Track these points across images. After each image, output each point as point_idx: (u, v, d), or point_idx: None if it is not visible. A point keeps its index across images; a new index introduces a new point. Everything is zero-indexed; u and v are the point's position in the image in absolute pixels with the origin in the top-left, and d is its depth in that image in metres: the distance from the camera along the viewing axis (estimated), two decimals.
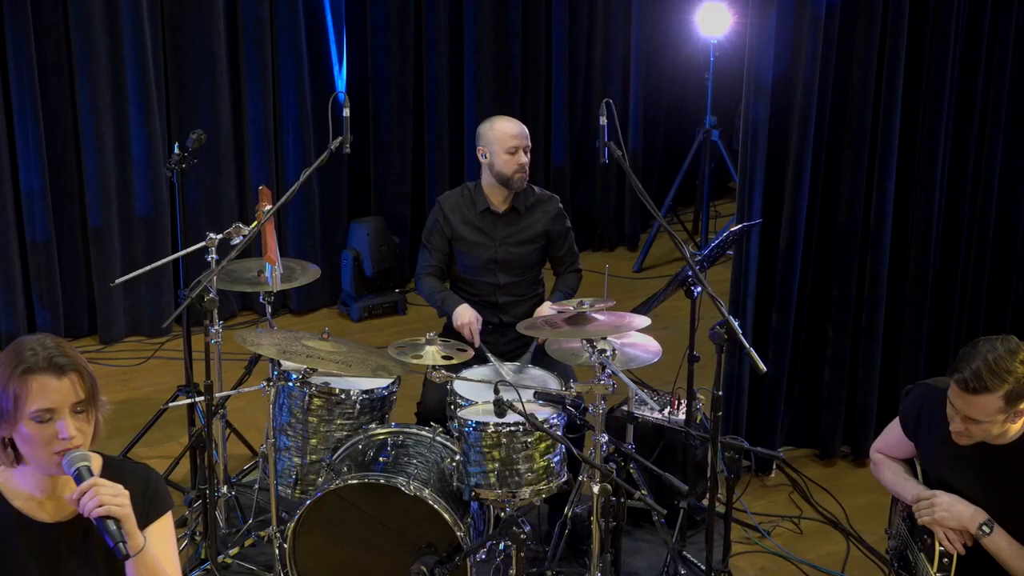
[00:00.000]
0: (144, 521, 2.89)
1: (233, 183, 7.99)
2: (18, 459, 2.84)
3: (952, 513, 3.84)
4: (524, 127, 5.75)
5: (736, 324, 4.94)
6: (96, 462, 2.92)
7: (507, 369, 5.47)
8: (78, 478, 2.75)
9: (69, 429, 2.76)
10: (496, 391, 4.77)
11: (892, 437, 4.16)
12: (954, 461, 3.91)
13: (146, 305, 7.91)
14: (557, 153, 9.19)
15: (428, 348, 5.10)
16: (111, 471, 2.92)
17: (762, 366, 4.85)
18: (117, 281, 5.89)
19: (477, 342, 5.54)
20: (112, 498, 2.72)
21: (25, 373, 2.75)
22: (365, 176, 8.61)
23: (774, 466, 6.39)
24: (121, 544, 2.71)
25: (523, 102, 8.86)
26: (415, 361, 5.10)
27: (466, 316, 5.63)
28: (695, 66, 9.44)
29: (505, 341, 5.80)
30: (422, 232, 5.93)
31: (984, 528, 3.81)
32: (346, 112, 5.17)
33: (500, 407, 4.79)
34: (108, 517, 2.71)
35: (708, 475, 5.89)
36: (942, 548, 3.88)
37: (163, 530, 2.98)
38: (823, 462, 6.57)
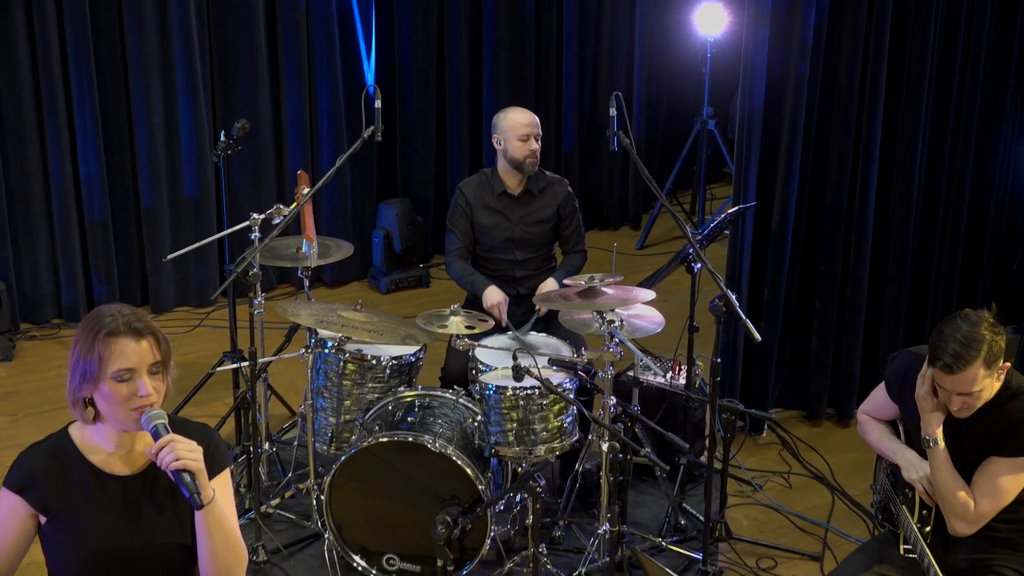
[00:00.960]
0: (207, 475, 2.89)
1: (272, 168, 7.99)
2: (96, 417, 2.84)
3: (922, 406, 3.84)
4: (535, 116, 5.77)
5: (733, 297, 4.95)
6: (164, 419, 2.91)
7: (525, 339, 5.48)
8: (156, 434, 2.76)
9: (147, 387, 2.77)
10: (515, 358, 4.79)
11: (877, 400, 4.15)
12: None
13: (193, 279, 7.92)
14: (567, 141, 9.18)
15: (452, 319, 5.12)
16: (177, 428, 2.92)
17: (757, 336, 4.86)
18: (169, 257, 5.90)
19: (504, 321, 5.55)
20: (188, 453, 2.73)
21: (108, 337, 2.76)
22: (392, 161, 8.61)
23: (765, 426, 6.39)
24: (196, 495, 2.72)
25: (536, 95, 8.84)
26: (440, 330, 5.12)
27: (495, 298, 5.64)
28: (693, 62, 9.39)
29: (521, 312, 5.81)
30: (446, 215, 5.94)
31: (927, 441, 3.80)
32: (377, 103, 5.17)
33: (518, 372, 4.80)
34: (184, 470, 2.72)
35: (706, 434, 5.93)
36: (923, 501, 3.88)
37: (223, 484, 2.98)
38: (810, 423, 6.57)
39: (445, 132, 8.68)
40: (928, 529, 3.88)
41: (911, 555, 3.90)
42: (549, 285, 5.70)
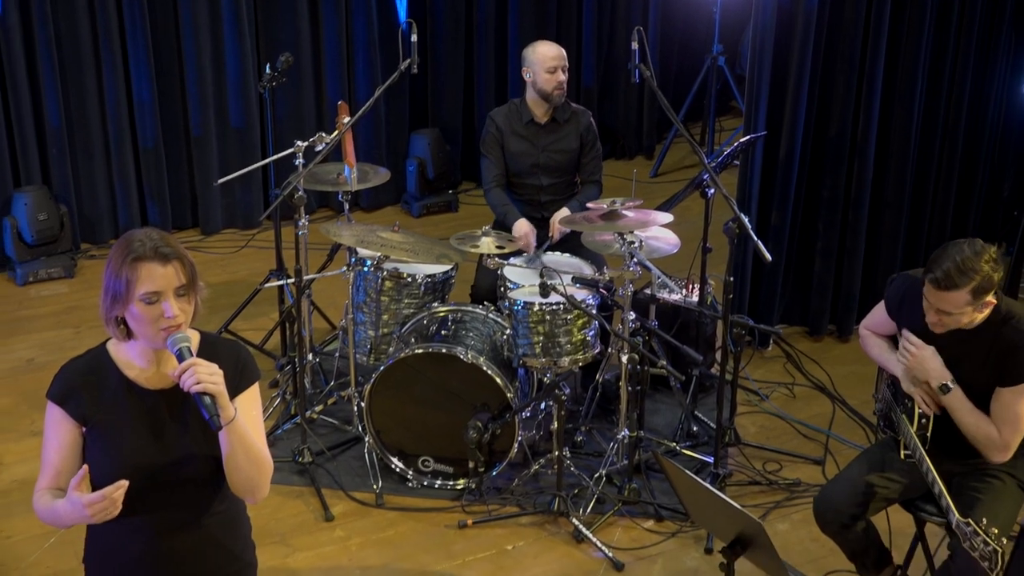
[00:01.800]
0: (235, 391, 2.86)
1: (312, 98, 7.92)
2: (129, 335, 2.82)
3: (923, 366, 3.81)
4: (562, 49, 5.72)
5: (746, 220, 4.91)
6: (194, 339, 2.89)
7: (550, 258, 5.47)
8: (180, 356, 2.72)
9: (173, 309, 2.73)
10: (542, 276, 4.77)
11: (878, 317, 4.13)
12: (929, 339, 3.87)
13: (240, 202, 7.90)
14: (586, 75, 9.08)
15: (484, 239, 5.10)
16: (207, 346, 2.90)
17: (768, 256, 4.83)
18: (220, 180, 5.88)
19: (532, 251, 5.52)
20: (208, 376, 2.69)
21: (135, 261, 2.71)
22: (423, 93, 8.52)
23: (771, 341, 6.38)
24: (215, 417, 2.68)
25: (557, 31, 8.72)
26: (472, 250, 5.10)
27: (523, 229, 5.61)
28: (705, 1, 9.27)
29: (545, 234, 5.77)
30: (474, 144, 5.90)
31: (948, 385, 3.79)
32: (413, 38, 5.11)
33: (545, 289, 4.79)
34: (204, 393, 2.69)
35: (717, 347, 5.93)
36: (921, 410, 3.87)
37: (251, 398, 2.94)
38: (812, 338, 6.55)
39: (472, 65, 8.59)
40: (927, 435, 3.87)
41: (910, 459, 3.90)
42: (562, 214, 5.66)
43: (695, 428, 5.59)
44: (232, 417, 2.73)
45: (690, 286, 5.84)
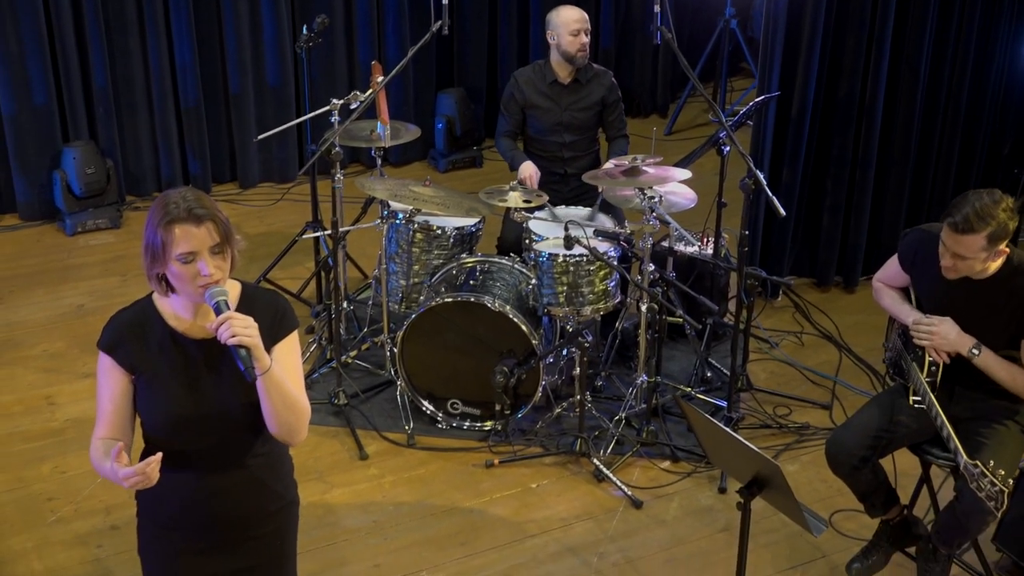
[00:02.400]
0: (273, 340, 2.83)
1: (344, 59, 7.83)
2: (170, 290, 2.79)
3: (948, 340, 3.76)
4: (584, 13, 5.64)
5: (761, 176, 4.86)
6: (234, 290, 2.86)
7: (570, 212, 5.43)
8: (217, 310, 2.69)
9: (208, 267, 2.69)
10: (566, 229, 4.73)
11: (891, 270, 4.08)
12: (943, 291, 3.83)
13: (276, 157, 7.84)
14: (604, 37, 8.97)
15: (511, 194, 5.05)
16: (247, 298, 2.87)
17: (782, 211, 4.79)
18: (260, 136, 5.83)
19: (534, 187, 5.45)
20: (243, 329, 2.65)
21: (170, 223, 2.67)
22: (449, 54, 8.43)
23: (780, 292, 6.33)
24: (250, 369, 2.65)
25: None
26: (501, 204, 5.06)
27: (528, 170, 5.55)
28: None
29: (568, 189, 5.73)
30: (500, 102, 5.84)
31: (973, 351, 3.74)
32: (445, 0, 5.03)
33: (569, 242, 4.75)
34: (239, 346, 2.66)
35: (729, 297, 5.89)
36: (931, 359, 3.82)
37: (289, 346, 2.90)
38: (820, 289, 6.50)
39: (496, 28, 8.48)
40: (936, 382, 3.83)
41: (919, 405, 3.86)
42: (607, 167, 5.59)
43: (709, 374, 5.57)
44: (267, 368, 2.70)
45: (704, 239, 5.79)
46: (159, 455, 2.64)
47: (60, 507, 4.68)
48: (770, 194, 4.78)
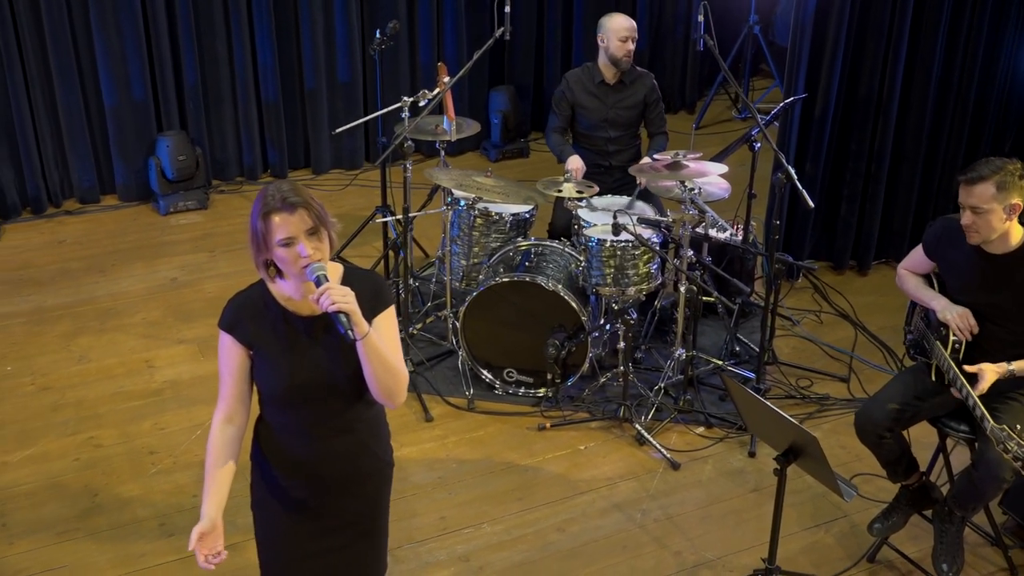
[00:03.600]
0: (372, 313, 2.79)
1: (407, 59, 7.76)
2: (279, 274, 2.77)
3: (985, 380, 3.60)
4: (633, 22, 5.54)
5: (793, 171, 4.77)
6: (337, 271, 2.83)
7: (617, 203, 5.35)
8: (317, 282, 2.66)
9: (307, 248, 2.65)
10: (614, 217, 4.67)
11: (916, 258, 3.97)
12: (967, 270, 3.73)
13: (345, 147, 7.77)
14: (640, 40, 8.73)
15: (566, 185, 4.98)
16: (349, 276, 2.83)
17: (811, 203, 4.70)
18: (338, 130, 5.79)
19: (579, 179, 5.36)
20: (341, 297, 2.62)
21: (267, 214, 2.66)
22: (500, 55, 8.32)
23: (800, 274, 6.24)
24: (349, 331, 2.63)
25: (616, 2, 8.48)
26: (557, 194, 4.99)
27: (575, 163, 5.47)
28: None
29: (612, 179, 5.65)
30: (542, 100, 5.78)
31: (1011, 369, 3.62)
32: (507, 8, 4.96)
33: (617, 228, 4.69)
34: (339, 312, 2.63)
35: (756, 279, 5.81)
36: (954, 338, 3.73)
37: (387, 318, 2.87)
38: (836, 272, 6.40)
39: (543, 31, 8.36)
40: (959, 358, 3.73)
41: (940, 382, 3.77)
42: (644, 161, 5.51)
43: (737, 349, 5.49)
44: (365, 332, 2.67)
45: (736, 226, 5.70)
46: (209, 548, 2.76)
47: (160, 460, 4.68)
48: (800, 188, 4.69)
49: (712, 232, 5.46)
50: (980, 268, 3.68)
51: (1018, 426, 3.42)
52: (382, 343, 2.74)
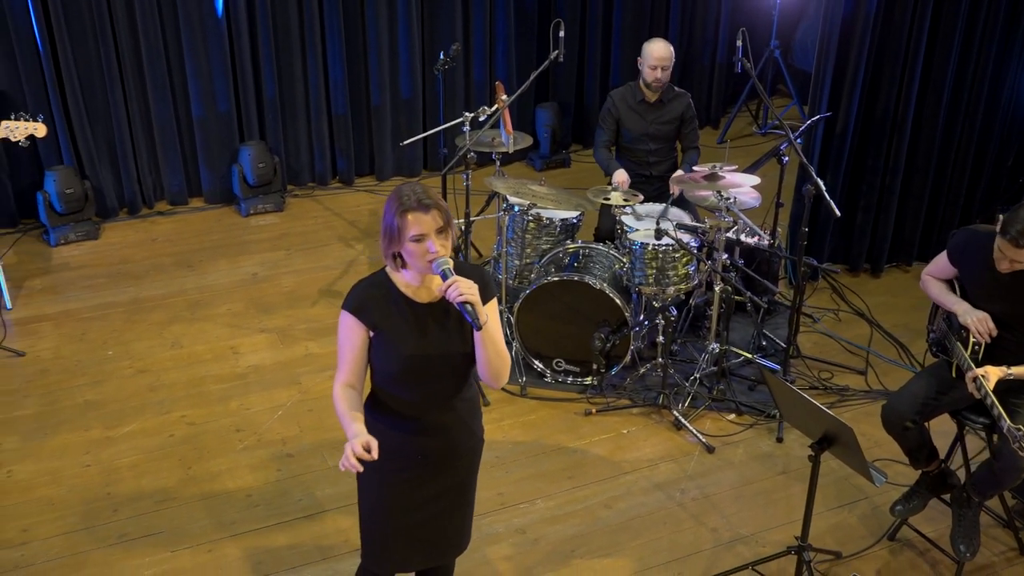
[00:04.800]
0: (482, 303, 2.75)
1: (462, 79, 7.71)
2: (403, 265, 2.74)
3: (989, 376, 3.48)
4: (669, 52, 5.41)
5: (821, 183, 4.68)
6: (449, 264, 2.80)
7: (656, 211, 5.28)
8: (444, 276, 2.64)
9: (436, 245, 2.64)
10: (657, 223, 4.60)
11: (940, 264, 3.88)
12: (989, 280, 3.63)
13: (406, 156, 7.73)
14: None
15: (613, 193, 4.92)
16: (460, 269, 2.79)
17: (838, 212, 4.63)
18: (406, 142, 5.75)
19: (625, 189, 5.31)
20: (468, 289, 2.61)
21: (404, 212, 2.64)
22: (545, 74, 8.23)
23: (820, 276, 6.14)
24: (476, 320, 2.61)
25: (650, 27, 8.38)
26: (606, 202, 4.93)
27: (621, 176, 5.40)
28: (765, 2, 8.85)
29: (652, 188, 5.58)
30: (584, 115, 5.70)
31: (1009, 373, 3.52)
32: (561, 33, 4.89)
33: (659, 233, 4.62)
34: (466, 302, 2.61)
35: (780, 279, 5.71)
36: (974, 340, 3.64)
37: (493, 309, 2.84)
38: (852, 274, 6.29)
39: (584, 52, 8.28)
40: (978, 358, 3.64)
41: (960, 379, 3.69)
42: (678, 175, 5.43)
43: (764, 343, 5.41)
44: (486, 321, 2.67)
45: (765, 232, 5.61)
46: (373, 451, 2.60)
47: (246, 438, 4.67)
48: (828, 199, 4.61)
49: (742, 237, 5.38)
50: (999, 280, 3.58)
51: None
52: (496, 329, 2.75)
